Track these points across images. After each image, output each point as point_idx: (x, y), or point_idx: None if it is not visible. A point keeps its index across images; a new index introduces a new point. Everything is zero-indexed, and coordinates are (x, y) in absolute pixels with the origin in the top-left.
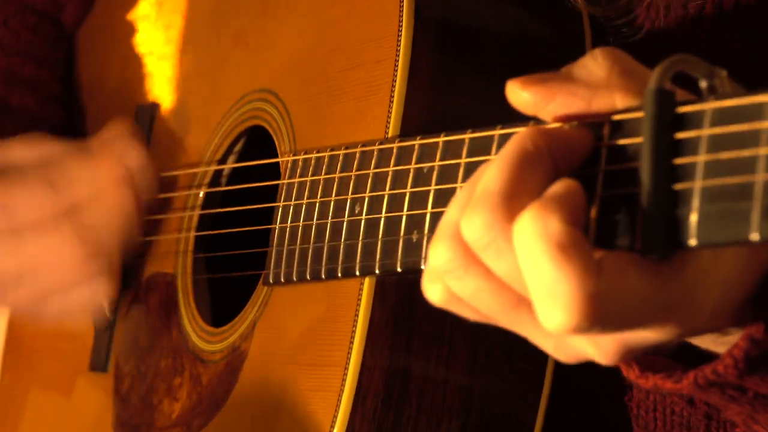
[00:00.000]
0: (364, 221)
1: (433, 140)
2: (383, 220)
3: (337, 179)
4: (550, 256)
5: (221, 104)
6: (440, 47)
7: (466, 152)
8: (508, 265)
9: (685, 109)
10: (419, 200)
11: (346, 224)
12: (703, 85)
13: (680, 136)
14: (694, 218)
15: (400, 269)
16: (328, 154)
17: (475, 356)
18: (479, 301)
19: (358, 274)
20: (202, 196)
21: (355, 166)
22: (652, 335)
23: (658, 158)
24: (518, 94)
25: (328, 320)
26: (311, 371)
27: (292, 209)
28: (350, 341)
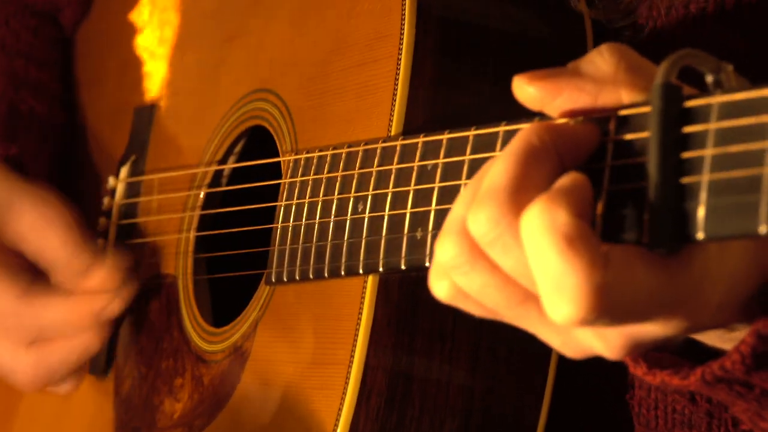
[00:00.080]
0: (367, 219)
1: (437, 138)
2: (387, 217)
3: (339, 177)
4: (557, 248)
5: (221, 105)
6: (442, 47)
7: (470, 149)
8: (514, 259)
9: (692, 103)
10: (423, 198)
11: (349, 222)
12: (709, 79)
13: (687, 130)
14: (701, 212)
15: (404, 267)
16: (330, 152)
17: (477, 355)
18: (486, 296)
19: (361, 272)
20: (202, 196)
21: (357, 164)
22: (658, 329)
23: (665, 152)
24: (525, 89)
25: (331, 318)
26: (314, 369)
27: (294, 208)
28: (354, 339)
